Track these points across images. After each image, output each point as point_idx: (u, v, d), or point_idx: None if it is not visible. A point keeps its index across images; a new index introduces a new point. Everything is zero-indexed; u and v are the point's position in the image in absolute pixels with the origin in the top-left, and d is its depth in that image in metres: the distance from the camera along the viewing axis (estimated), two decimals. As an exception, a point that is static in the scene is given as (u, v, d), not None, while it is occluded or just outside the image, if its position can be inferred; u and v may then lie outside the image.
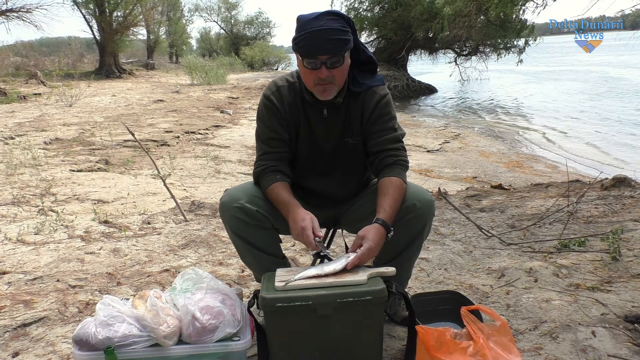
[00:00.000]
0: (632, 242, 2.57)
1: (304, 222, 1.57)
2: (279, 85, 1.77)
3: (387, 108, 1.75)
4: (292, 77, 1.77)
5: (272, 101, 1.75)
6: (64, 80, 18.03)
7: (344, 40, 1.56)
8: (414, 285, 2.26)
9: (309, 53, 1.57)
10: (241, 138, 8.07)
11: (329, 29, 1.53)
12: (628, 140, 8.78)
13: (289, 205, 1.64)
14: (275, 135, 1.75)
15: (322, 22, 1.53)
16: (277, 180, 1.70)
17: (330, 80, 1.61)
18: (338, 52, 1.57)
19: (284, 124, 1.75)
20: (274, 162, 1.75)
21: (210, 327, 1.45)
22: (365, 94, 1.73)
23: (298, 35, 1.57)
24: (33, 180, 4.74)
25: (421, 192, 1.71)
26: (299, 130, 1.77)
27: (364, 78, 1.73)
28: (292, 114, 1.75)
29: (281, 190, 1.68)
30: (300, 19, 1.59)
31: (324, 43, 1.54)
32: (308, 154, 1.80)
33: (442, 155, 7.60)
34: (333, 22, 1.54)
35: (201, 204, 3.80)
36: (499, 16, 13.76)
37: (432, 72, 24.02)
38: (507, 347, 1.45)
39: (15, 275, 2.47)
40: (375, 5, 19.89)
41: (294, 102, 1.75)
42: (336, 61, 1.58)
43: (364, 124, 1.75)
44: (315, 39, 1.53)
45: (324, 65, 1.57)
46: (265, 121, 1.77)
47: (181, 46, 42.67)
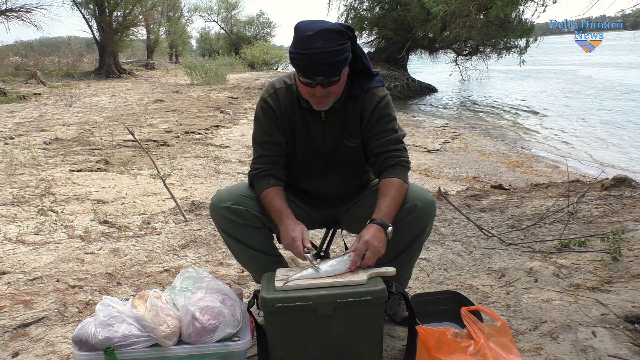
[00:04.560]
0: (632, 242, 2.56)
1: (294, 232, 1.58)
2: (276, 88, 1.76)
3: (387, 109, 1.74)
4: (290, 79, 1.76)
5: (269, 104, 1.74)
6: (63, 80, 18.04)
7: (340, 61, 1.53)
8: (414, 285, 2.26)
9: (304, 74, 1.55)
10: (241, 138, 8.06)
11: (325, 51, 1.48)
12: (628, 140, 8.79)
13: (280, 214, 1.64)
14: (270, 138, 1.75)
15: (318, 42, 1.47)
16: (270, 186, 1.70)
17: (326, 95, 1.61)
18: (334, 74, 1.55)
19: (281, 127, 1.75)
20: (268, 165, 1.75)
21: (210, 327, 1.44)
22: (365, 95, 1.73)
23: (294, 52, 1.53)
24: (33, 180, 4.73)
25: (423, 192, 1.71)
26: (295, 133, 1.77)
27: (362, 81, 1.73)
28: (289, 117, 1.75)
29: (274, 197, 1.68)
30: (298, 32, 1.54)
31: (320, 67, 1.51)
32: (306, 156, 1.80)
33: (442, 155, 7.60)
34: (330, 42, 1.49)
35: (201, 204, 3.79)
36: (498, 16, 13.77)
37: (432, 72, 24.02)
38: (507, 347, 1.45)
39: (14, 276, 2.46)
40: (375, 5, 19.88)
41: (291, 104, 1.74)
42: (332, 81, 1.57)
43: (364, 125, 1.75)
44: (311, 62, 1.50)
45: (319, 85, 1.56)
46: (261, 123, 1.77)
47: (181, 46, 42.62)
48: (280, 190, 1.71)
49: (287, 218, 1.63)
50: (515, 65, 18.22)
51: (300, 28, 1.53)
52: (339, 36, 1.52)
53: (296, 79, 1.69)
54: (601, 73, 22.70)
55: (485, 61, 19.91)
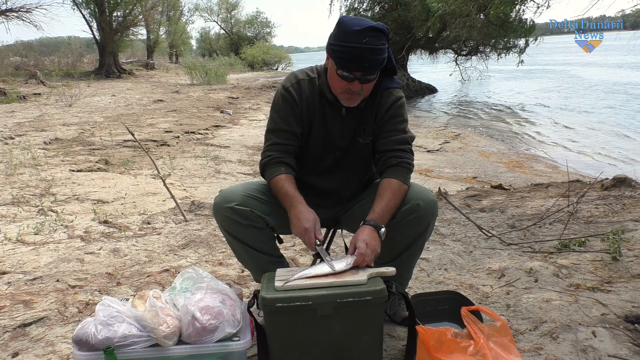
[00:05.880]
0: (632, 242, 2.56)
1: (307, 222, 1.58)
2: (299, 79, 1.76)
3: (400, 110, 1.76)
4: (313, 72, 1.77)
5: (290, 93, 1.75)
6: (63, 80, 18.04)
7: (381, 59, 1.56)
8: (414, 285, 2.26)
9: (345, 67, 1.56)
10: (241, 138, 8.06)
11: (371, 48, 1.51)
12: (628, 140, 8.79)
13: (293, 199, 1.64)
14: (286, 127, 1.75)
15: (365, 38, 1.50)
16: (281, 172, 1.70)
17: (359, 92, 1.63)
18: (375, 71, 1.58)
19: (299, 117, 1.75)
20: (280, 153, 1.74)
21: (210, 327, 1.44)
22: (382, 94, 1.74)
23: (337, 45, 1.55)
24: (33, 180, 4.73)
25: (425, 192, 1.71)
26: (312, 126, 1.77)
27: (382, 80, 1.73)
28: (308, 109, 1.75)
29: (286, 182, 1.68)
30: (343, 25, 1.55)
31: (364, 62, 1.53)
32: (321, 150, 1.80)
33: (442, 155, 7.60)
34: (375, 40, 1.52)
35: (201, 204, 3.79)
36: (498, 16, 13.77)
37: (432, 72, 24.04)
38: (507, 347, 1.45)
39: (14, 275, 2.46)
40: (375, 5, 19.89)
41: (312, 97, 1.75)
42: (371, 78, 1.59)
43: (377, 122, 1.76)
44: (356, 56, 1.52)
45: (357, 80, 1.58)
46: (279, 111, 1.77)
47: (181, 46, 42.63)
48: (290, 178, 1.71)
49: (300, 204, 1.62)
50: (515, 65, 18.23)
51: (346, 22, 1.55)
52: (382, 35, 1.55)
53: (322, 73, 1.71)
54: (601, 73, 22.74)
55: (485, 61, 19.91)
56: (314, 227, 1.58)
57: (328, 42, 1.60)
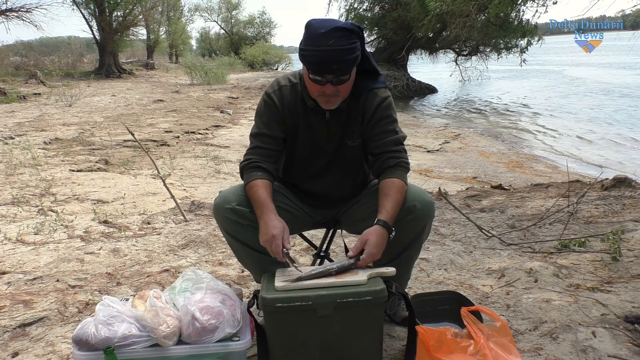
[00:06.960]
0: (632, 243, 2.57)
1: (275, 229, 1.54)
2: (281, 85, 1.76)
3: (388, 110, 1.74)
4: (295, 78, 1.77)
5: (272, 99, 1.75)
6: (63, 80, 18.04)
7: (351, 59, 1.54)
8: (414, 285, 2.26)
9: (316, 71, 1.55)
10: (241, 138, 8.06)
11: (338, 49, 1.49)
12: (629, 140, 8.79)
13: (263, 206, 1.60)
14: (267, 131, 1.75)
15: (331, 40, 1.48)
16: (257, 178, 1.68)
17: (335, 94, 1.61)
18: (345, 72, 1.56)
19: (281, 123, 1.75)
20: (259, 157, 1.73)
21: (210, 327, 1.44)
22: (367, 95, 1.73)
23: (305, 49, 1.54)
24: (33, 180, 4.73)
25: (421, 193, 1.71)
26: (298, 132, 1.77)
27: (366, 80, 1.73)
28: (291, 115, 1.75)
29: (260, 189, 1.65)
30: (310, 29, 1.54)
31: (332, 64, 1.52)
32: (309, 154, 1.80)
33: (442, 156, 7.60)
34: (342, 41, 1.50)
35: (201, 204, 3.79)
36: (498, 16, 13.77)
37: (432, 72, 24.04)
38: (507, 347, 1.45)
39: (14, 275, 2.46)
40: (375, 5, 19.89)
41: (294, 103, 1.74)
42: (342, 80, 1.58)
43: (365, 125, 1.75)
44: (323, 59, 1.51)
45: (329, 82, 1.57)
46: (262, 117, 1.77)
47: (181, 46, 42.60)
48: (266, 184, 1.68)
49: (270, 212, 1.59)
50: (515, 65, 18.23)
51: (313, 25, 1.54)
52: (351, 35, 1.53)
53: (303, 78, 1.70)
54: (602, 73, 22.73)
55: (485, 61, 19.91)
56: (282, 235, 1.55)
57: (299, 48, 1.58)
